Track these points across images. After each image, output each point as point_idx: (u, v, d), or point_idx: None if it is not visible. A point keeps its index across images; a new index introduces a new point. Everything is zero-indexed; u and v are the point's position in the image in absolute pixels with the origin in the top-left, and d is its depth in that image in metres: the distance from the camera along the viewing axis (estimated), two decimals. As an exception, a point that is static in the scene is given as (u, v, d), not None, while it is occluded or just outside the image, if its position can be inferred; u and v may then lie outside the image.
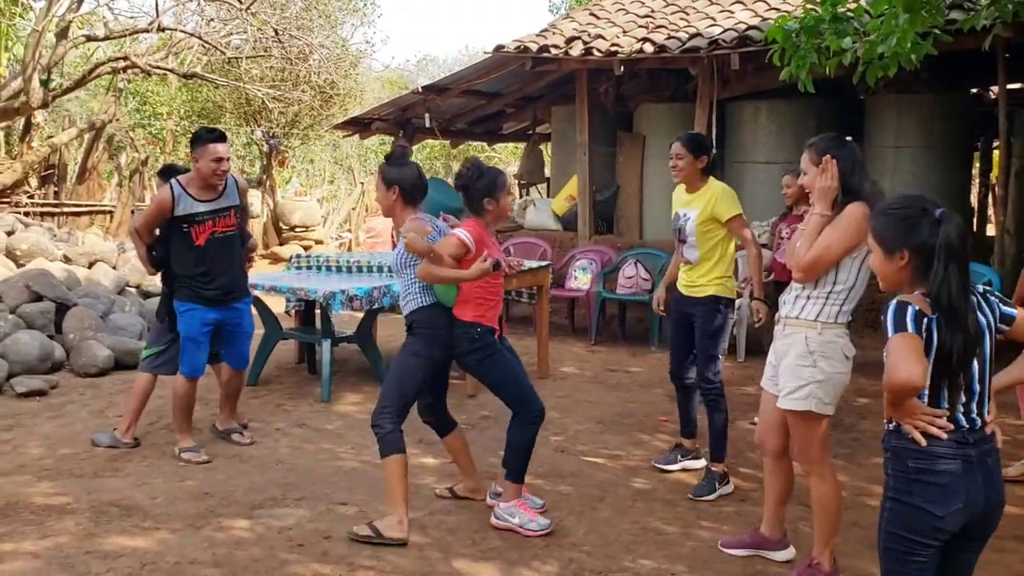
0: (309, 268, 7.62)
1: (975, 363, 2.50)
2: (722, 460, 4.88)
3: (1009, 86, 11.77)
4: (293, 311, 7.73)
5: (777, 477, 3.99)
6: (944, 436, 2.43)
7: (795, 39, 5.23)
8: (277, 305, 7.83)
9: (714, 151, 5.01)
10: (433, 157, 25.15)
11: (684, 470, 5.17)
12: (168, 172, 5.59)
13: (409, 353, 4.28)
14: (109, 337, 7.59)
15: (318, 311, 7.08)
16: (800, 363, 3.59)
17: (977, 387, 2.51)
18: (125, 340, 7.65)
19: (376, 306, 6.72)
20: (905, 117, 8.98)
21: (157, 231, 5.25)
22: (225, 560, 3.87)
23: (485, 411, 6.36)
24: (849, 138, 3.73)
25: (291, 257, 8.13)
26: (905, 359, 2.34)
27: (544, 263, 7.89)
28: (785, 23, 5.31)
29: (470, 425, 6.04)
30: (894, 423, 2.52)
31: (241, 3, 12.32)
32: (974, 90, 11.16)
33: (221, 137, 5.06)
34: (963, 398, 2.49)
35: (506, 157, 26.64)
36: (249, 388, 6.83)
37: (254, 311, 7.11)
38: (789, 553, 4.01)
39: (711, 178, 4.87)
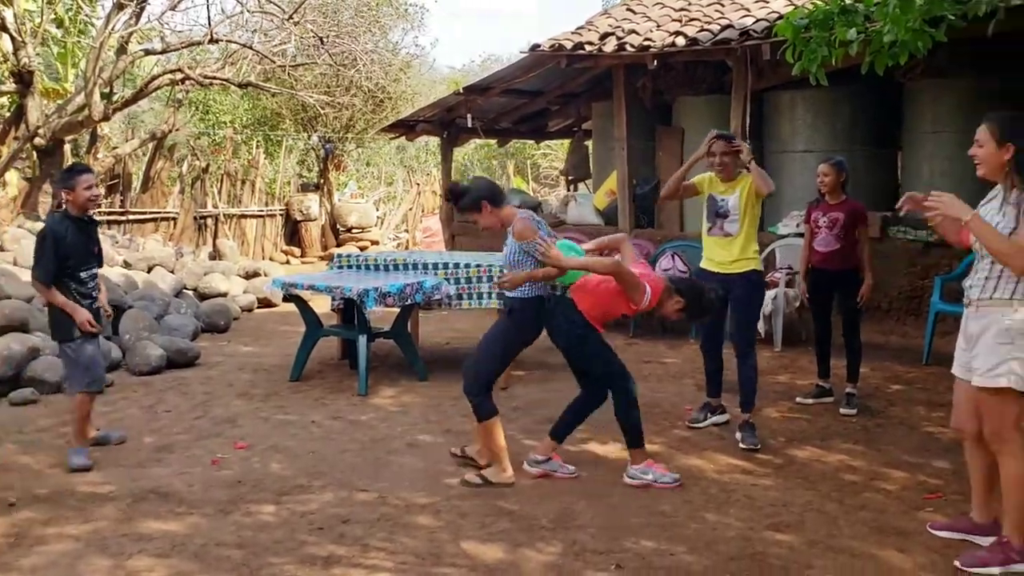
0: (350, 267, 7.89)
1: None
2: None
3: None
4: (336, 309, 8.00)
5: (978, 462, 4.02)
6: None
7: (804, 34, 5.27)
8: (323, 304, 8.14)
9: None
10: (490, 156, 25.39)
11: (714, 425, 5.93)
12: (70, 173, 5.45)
13: (511, 332, 4.92)
14: (162, 337, 7.98)
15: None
16: (998, 341, 3.68)
17: None
18: (177, 340, 8.03)
19: (409, 302, 6.96)
20: (943, 102, 8.87)
21: None
22: (249, 542, 4.13)
23: (515, 403, 6.55)
24: None
25: (334, 256, 8.41)
26: None
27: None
28: (794, 18, 5.36)
29: (501, 416, 6.21)
30: None
31: (284, 12, 12.70)
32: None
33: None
34: None
35: (562, 154, 26.75)
36: (291, 384, 7.18)
37: (295, 309, 7.46)
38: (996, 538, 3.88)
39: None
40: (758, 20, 8.69)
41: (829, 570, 3.79)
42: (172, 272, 10.80)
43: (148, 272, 10.35)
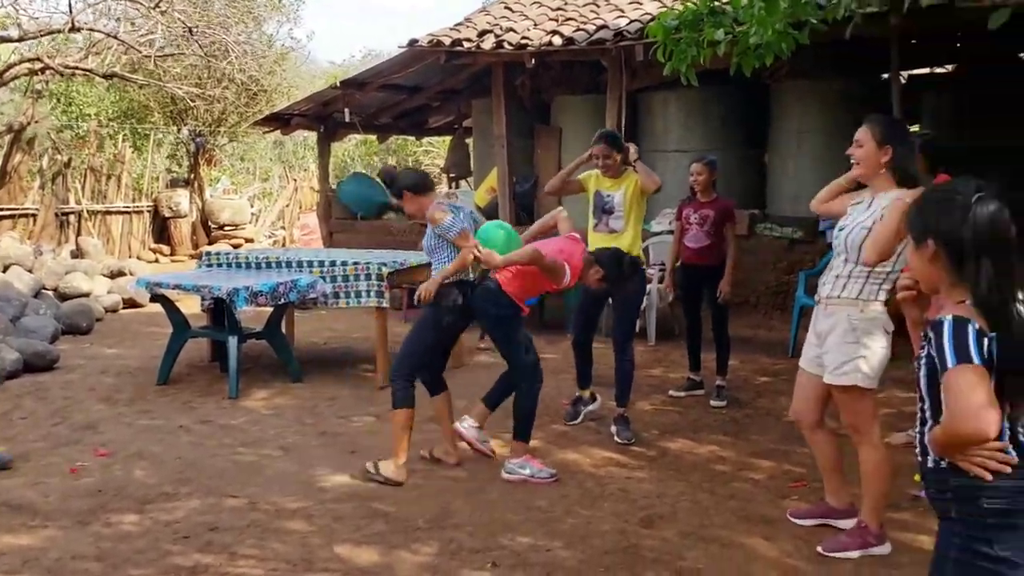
0: (220, 265, 7.63)
1: None
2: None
3: (917, 71, 12.18)
4: (207, 309, 7.72)
5: (821, 448, 4.13)
6: (1008, 470, 2.06)
7: (675, 34, 5.37)
8: (194, 304, 7.86)
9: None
10: (371, 153, 25.07)
11: (589, 417, 5.98)
12: None
13: (434, 317, 4.94)
14: (18, 340, 7.55)
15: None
16: (845, 340, 3.77)
17: None
18: (34, 343, 7.61)
19: (283, 301, 6.78)
20: (808, 103, 9.22)
21: None
22: (108, 553, 3.93)
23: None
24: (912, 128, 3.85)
25: (202, 254, 8.12)
26: (976, 405, 1.98)
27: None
28: (665, 19, 5.45)
29: (378, 416, 6.14)
30: (947, 460, 2.13)
31: (150, 0, 12.23)
32: (885, 75, 11.45)
33: None
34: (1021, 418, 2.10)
35: (444, 152, 26.68)
36: (158, 387, 6.89)
37: (161, 310, 7.18)
38: (853, 523, 4.04)
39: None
40: (632, 21, 8.85)
41: (700, 560, 3.87)
42: (30, 271, 10.24)
43: (4, 271, 9.79)
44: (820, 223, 8.35)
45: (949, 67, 11.64)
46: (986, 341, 2.02)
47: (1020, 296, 2.12)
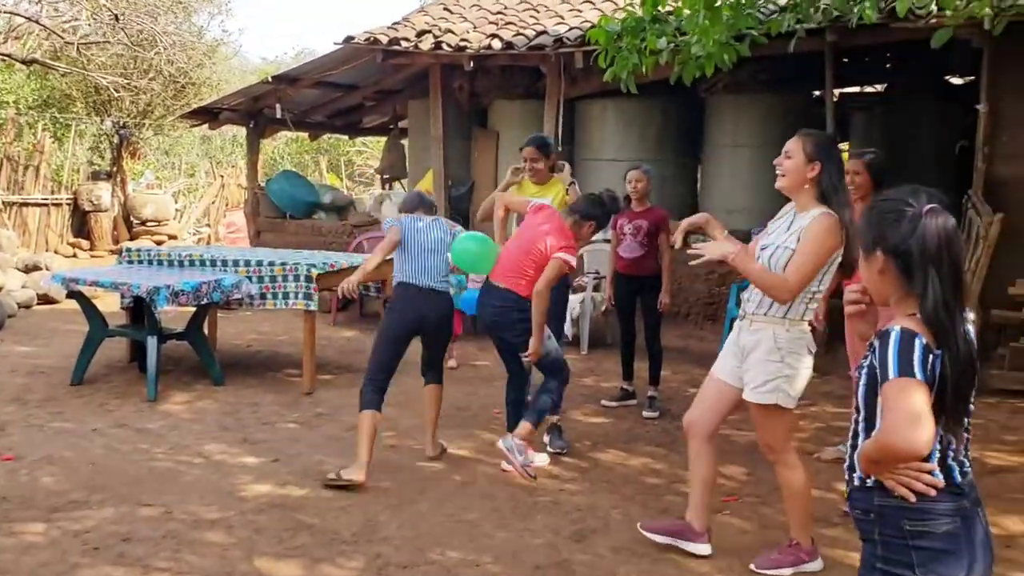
0: (140, 262, 7.34)
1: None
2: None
3: (848, 89, 12.42)
4: (127, 307, 7.42)
5: (702, 461, 3.97)
6: (933, 493, 2.02)
7: (616, 41, 5.33)
8: (114, 302, 7.55)
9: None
10: (303, 151, 24.65)
11: None
12: None
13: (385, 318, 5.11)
14: (-80, 336, 7.15)
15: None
16: (769, 358, 3.67)
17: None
18: (-62, 339, 7.22)
19: (205, 301, 6.53)
20: (743, 117, 9.31)
21: None
22: (10, 566, 3.69)
23: (320, 408, 6.30)
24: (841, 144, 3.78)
25: (122, 250, 7.81)
26: (912, 420, 1.91)
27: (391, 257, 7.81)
28: (607, 24, 5.41)
29: (303, 423, 5.96)
30: (873, 478, 2.09)
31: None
32: (817, 92, 11.64)
33: None
34: (953, 441, 2.06)
35: (377, 152, 26.38)
36: (72, 388, 6.60)
37: (78, 307, 6.88)
38: (706, 549, 3.94)
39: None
40: (571, 28, 8.83)
41: (632, 575, 3.80)
42: (-63, 263, 9.76)
43: (-93, 263, 9.30)
44: (752, 233, 8.41)
45: (879, 87, 11.89)
46: (931, 358, 1.97)
47: (971, 316, 2.09)
